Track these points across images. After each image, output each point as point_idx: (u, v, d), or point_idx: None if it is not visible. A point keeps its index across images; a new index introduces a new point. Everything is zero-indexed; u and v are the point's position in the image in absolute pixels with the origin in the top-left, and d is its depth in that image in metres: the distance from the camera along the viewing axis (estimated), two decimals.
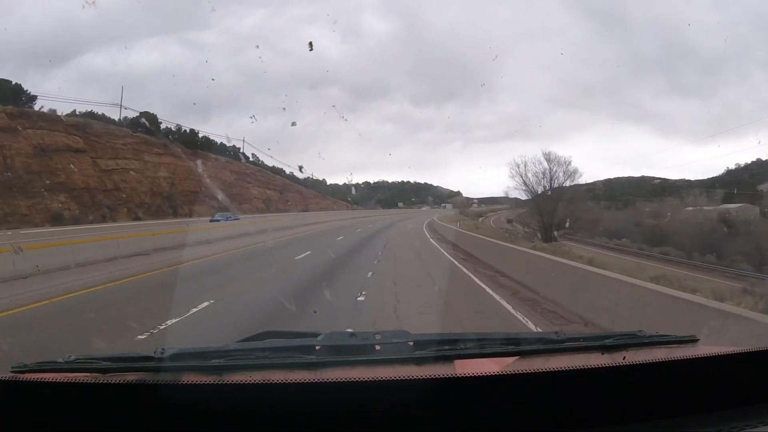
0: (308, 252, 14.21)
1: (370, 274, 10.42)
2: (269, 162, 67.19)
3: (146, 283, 9.17)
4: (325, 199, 74.53)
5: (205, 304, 6.71)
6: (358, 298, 7.46)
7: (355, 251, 15.74)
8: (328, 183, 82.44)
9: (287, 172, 68.33)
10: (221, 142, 56.37)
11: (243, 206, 48.32)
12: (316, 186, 73.36)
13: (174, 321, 5.78)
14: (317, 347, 1.43)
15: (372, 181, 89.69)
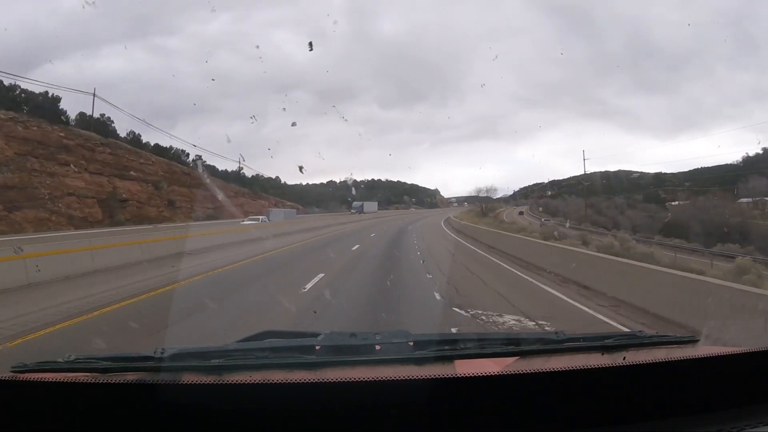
0: None
1: None
2: (160, 141, 50.40)
3: None
4: (260, 199, 55.92)
5: None
6: None
7: None
8: (307, 183, 73.02)
9: (192, 157, 48.48)
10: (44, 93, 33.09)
11: (28, 213, 24.49)
12: (247, 182, 55.59)
13: None
14: (317, 347, 1.43)
15: (338, 181, 79.42)
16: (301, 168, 10.94)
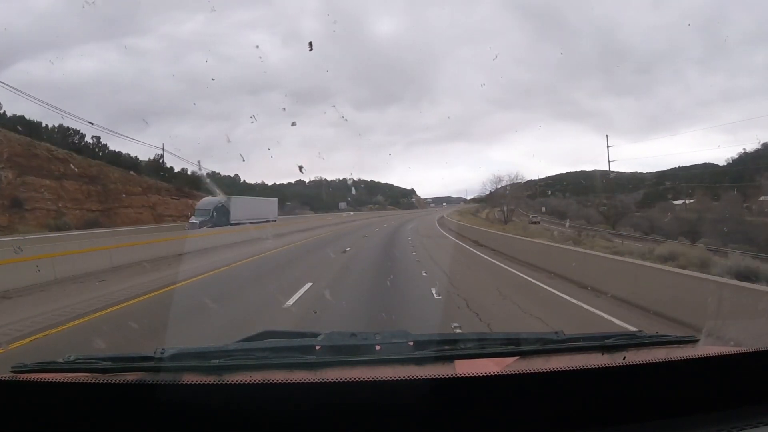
0: None
1: None
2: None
3: None
4: (189, 198, 39.95)
5: None
6: None
7: None
8: (274, 183, 66.75)
9: (90, 140, 36.28)
10: None
11: None
12: (174, 176, 41.24)
13: None
14: (317, 347, 1.43)
15: (308, 180, 74.65)
16: (301, 168, 10.72)
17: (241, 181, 58.95)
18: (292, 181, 77.64)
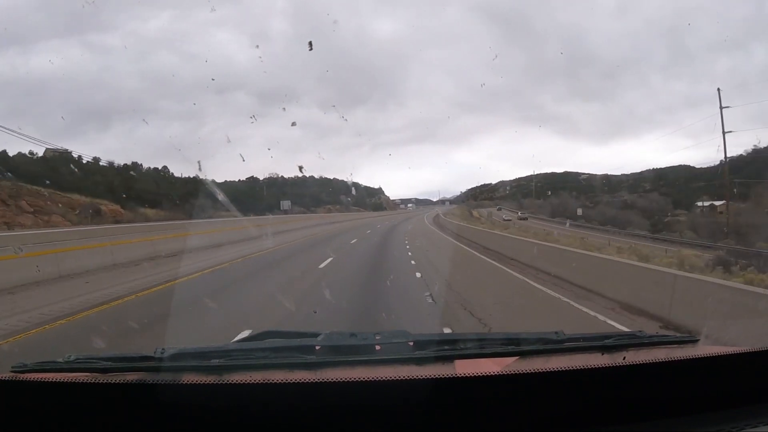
0: None
1: None
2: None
3: None
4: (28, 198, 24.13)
5: None
6: None
7: None
8: (225, 181, 54.55)
9: None
10: None
11: None
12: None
13: None
14: (317, 347, 1.43)
15: (261, 177, 64.41)
16: (301, 168, 10.67)
17: (169, 173, 45.05)
18: (244, 178, 68.77)
